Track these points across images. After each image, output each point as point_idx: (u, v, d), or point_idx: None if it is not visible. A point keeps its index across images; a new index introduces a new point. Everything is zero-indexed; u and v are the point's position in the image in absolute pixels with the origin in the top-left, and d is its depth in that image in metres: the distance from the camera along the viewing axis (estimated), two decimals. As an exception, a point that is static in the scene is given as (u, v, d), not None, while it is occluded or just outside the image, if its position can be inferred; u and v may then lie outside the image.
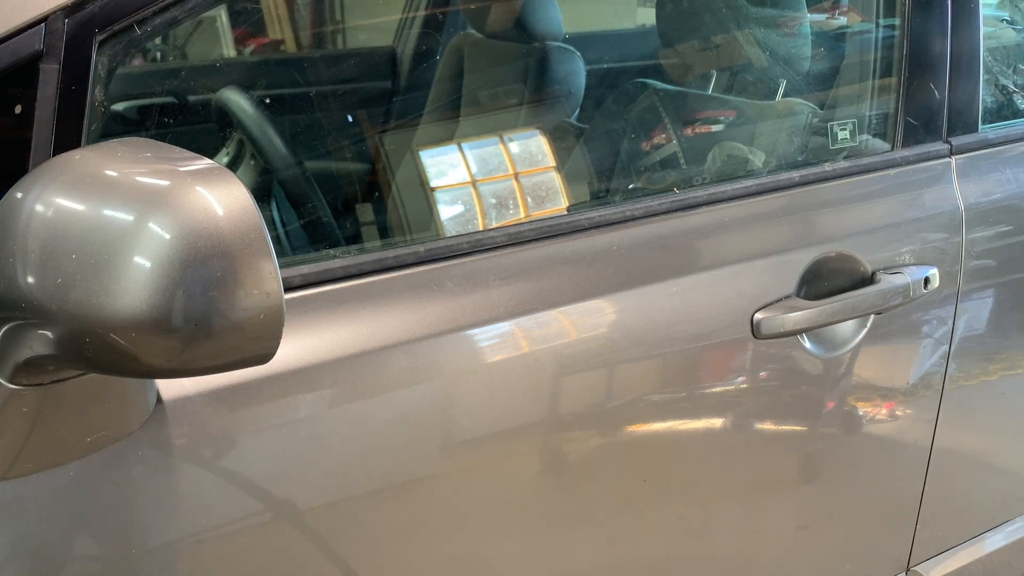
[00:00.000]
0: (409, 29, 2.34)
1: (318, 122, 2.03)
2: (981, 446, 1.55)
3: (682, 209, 1.19)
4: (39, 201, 0.65)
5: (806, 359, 1.24)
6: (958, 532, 1.55)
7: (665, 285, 1.14)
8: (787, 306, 1.19)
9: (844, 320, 1.25)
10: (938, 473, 1.44)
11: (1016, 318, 1.48)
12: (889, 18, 1.41)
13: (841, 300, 1.23)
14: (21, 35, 0.80)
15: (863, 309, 1.25)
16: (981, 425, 1.52)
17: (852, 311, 1.24)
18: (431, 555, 1.06)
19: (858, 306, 1.24)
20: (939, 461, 1.43)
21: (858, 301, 1.24)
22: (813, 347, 1.24)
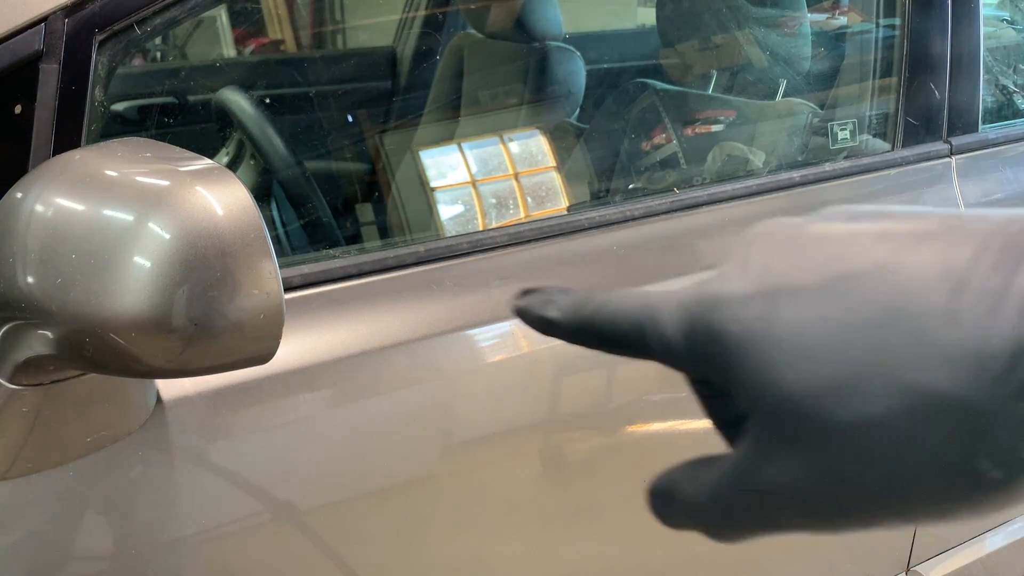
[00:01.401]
0: (409, 29, 2.34)
1: (318, 122, 2.03)
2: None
3: (682, 209, 1.19)
4: (39, 201, 0.65)
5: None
6: (958, 532, 1.55)
7: (665, 285, 1.14)
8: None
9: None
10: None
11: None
12: (889, 18, 1.41)
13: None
14: (21, 35, 0.80)
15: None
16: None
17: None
18: (431, 555, 1.06)
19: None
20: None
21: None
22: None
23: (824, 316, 0.30)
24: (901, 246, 0.30)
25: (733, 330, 0.31)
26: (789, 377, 0.30)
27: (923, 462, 0.28)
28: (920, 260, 0.29)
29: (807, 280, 0.30)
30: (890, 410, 0.28)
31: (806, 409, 0.29)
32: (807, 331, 0.30)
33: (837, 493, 0.30)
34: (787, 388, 0.30)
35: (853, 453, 0.29)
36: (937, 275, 0.28)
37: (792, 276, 0.31)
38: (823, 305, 0.30)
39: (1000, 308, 0.27)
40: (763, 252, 0.33)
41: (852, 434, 0.29)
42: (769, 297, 0.31)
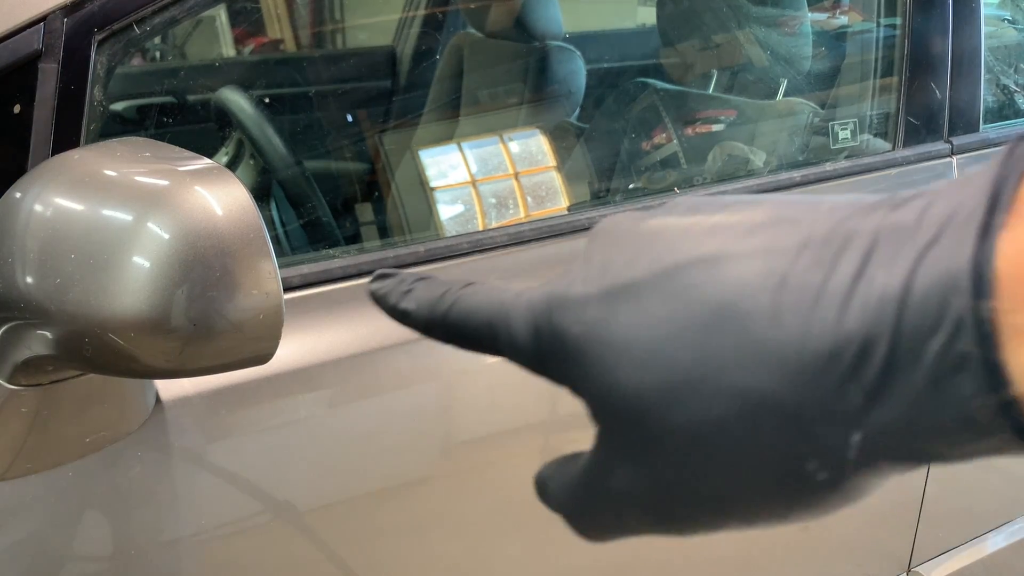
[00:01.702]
0: (409, 28, 2.34)
1: (317, 122, 2.03)
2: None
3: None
4: (38, 201, 0.64)
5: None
6: (959, 532, 1.55)
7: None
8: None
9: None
10: (939, 473, 1.43)
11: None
12: (890, 17, 1.41)
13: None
14: (20, 34, 0.80)
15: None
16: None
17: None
18: (431, 555, 1.06)
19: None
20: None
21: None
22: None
23: (657, 315, 0.29)
24: (730, 239, 0.29)
25: (575, 332, 0.30)
26: (626, 380, 0.29)
27: (756, 465, 0.28)
28: (746, 254, 0.28)
29: (640, 277, 0.30)
30: (722, 413, 0.27)
31: (644, 413, 0.29)
32: (642, 332, 0.29)
33: (679, 497, 0.30)
34: (625, 391, 0.29)
35: (691, 457, 0.29)
36: (760, 271, 0.27)
37: (627, 274, 0.30)
38: (655, 304, 0.29)
39: (819, 304, 0.26)
40: (602, 249, 0.32)
41: (689, 438, 0.28)
42: (607, 296, 0.30)
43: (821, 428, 0.26)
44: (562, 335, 0.31)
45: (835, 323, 0.26)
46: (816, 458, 0.27)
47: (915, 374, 0.25)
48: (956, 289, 0.24)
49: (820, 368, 0.26)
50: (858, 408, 0.26)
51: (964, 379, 0.24)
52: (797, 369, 0.26)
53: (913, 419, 0.25)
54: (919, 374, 0.25)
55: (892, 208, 0.27)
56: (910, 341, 0.25)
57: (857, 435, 0.26)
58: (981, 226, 0.24)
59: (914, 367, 0.25)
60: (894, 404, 0.25)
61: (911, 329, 0.25)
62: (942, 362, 0.24)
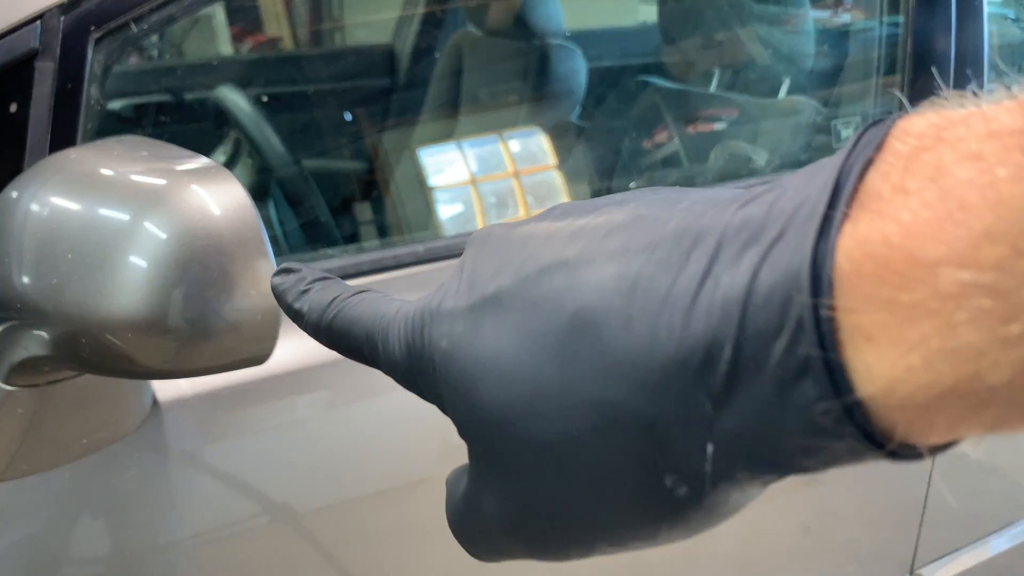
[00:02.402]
0: (408, 26, 2.33)
1: (316, 120, 2.03)
2: (986, 448, 1.54)
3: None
4: (34, 200, 0.64)
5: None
6: (962, 535, 1.55)
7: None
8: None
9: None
10: (942, 475, 1.43)
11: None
12: (893, 15, 1.41)
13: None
14: (16, 33, 0.80)
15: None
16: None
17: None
18: (430, 557, 1.05)
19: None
20: (943, 463, 1.42)
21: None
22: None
23: (518, 326, 0.28)
24: (590, 243, 0.27)
25: (442, 346, 0.30)
26: (488, 396, 0.28)
27: (617, 482, 0.27)
28: (602, 257, 0.27)
29: (504, 287, 0.28)
30: (580, 428, 0.26)
31: (506, 430, 0.28)
32: (504, 344, 0.28)
33: (546, 521, 0.29)
34: (488, 407, 0.28)
35: (554, 477, 0.28)
36: (614, 274, 0.26)
37: (493, 284, 0.29)
38: (517, 314, 0.28)
39: (666, 308, 0.25)
40: (474, 259, 0.31)
41: (550, 456, 0.27)
42: (474, 309, 0.29)
43: (675, 439, 0.25)
44: (431, 350, 0.30)
45: (681, 328, 0.24)
46: (673, 471, 0.26)
47: (761, 379, 0.23)
48: (797, 288, 0.22)
49: (669, 376, 0.25)
50: (708, 416, 0.24)
51: (808, 383, 0.23)
52: (647, 378, 0.25)
53: (764, 426, 0.24)
54: (765, 379, 0.23)
55: (743, 203, 0.25)
56: (754, 345, 0.23)
57: (710, 446, 0.25)
58: (821, 220, 0.23)
59: (760, 372, 0.23)
60: (743, 411, 0.24)
61: (755, 332, 0.23)
62: (786, 366, 0.23)
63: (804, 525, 1.36)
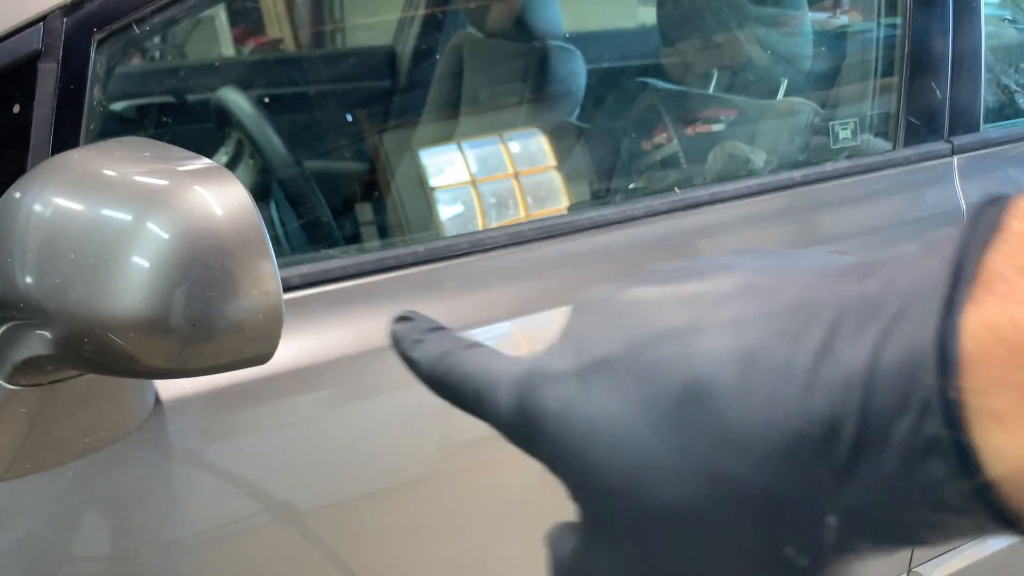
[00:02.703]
0: (409, 28, 2.33)
1: (317, 121, 2.03)
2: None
3: (683, 209, 1.19)
4: (37, 200, 0.64)
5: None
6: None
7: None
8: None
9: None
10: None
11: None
12: (890, 17, 1.41)
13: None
14: (19, 34, 0.80)
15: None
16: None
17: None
18: (431, 556, 1.05)
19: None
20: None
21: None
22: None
23: (630, 393, 0.28)
24: (700, 311, 0.28)
25: (552, 409, 0.30)
26: (601, 460, 0.28)
27: (735, 551, 0.27)
28: (715, 327, 0.27)
29: (614, 353, 0.29)
30: (697, 496, 0.26)
31: (620, 495, 0.28)
32: (616, 410, 0.28)
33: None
34: (600, 472, 0.28)
35: (669, 541, 0.28)
36: (729, 345, 0.26)
37: (602, 349, 0.29)
38: (629, 381, 0.28)
39: (786, 382, 0.25)
40: (581, 323, 0.31)
41: (665, 521, 0.27)
42: (583, 373, 0.29)
43: (795, 512, 0.25)
44: (541, 412, 0.30)
45: (802, 402, 0.25)
46: (793, 543, 0.26)
47: (885, 455, 0.24)
48: (922, 368, 0.23)
49: (790, 449, 0.25)
50: (830, 490, 0.25)
51: (935, 461, 0.23)
52: (767, 451, 0.25)
53: (887, 501, 0.24)
54: (889, 455, 0.24)
55: (860, 278, 0.26)
56: (878, 422, 0.24)
57: (832, 518, 0.25)
58: (945, 300, 0.23)
59: (884, 448, 0.24)
60: (866, 485, 0.24)
61: (878, 409, 0.23)
62: (912, 444, 0.23)
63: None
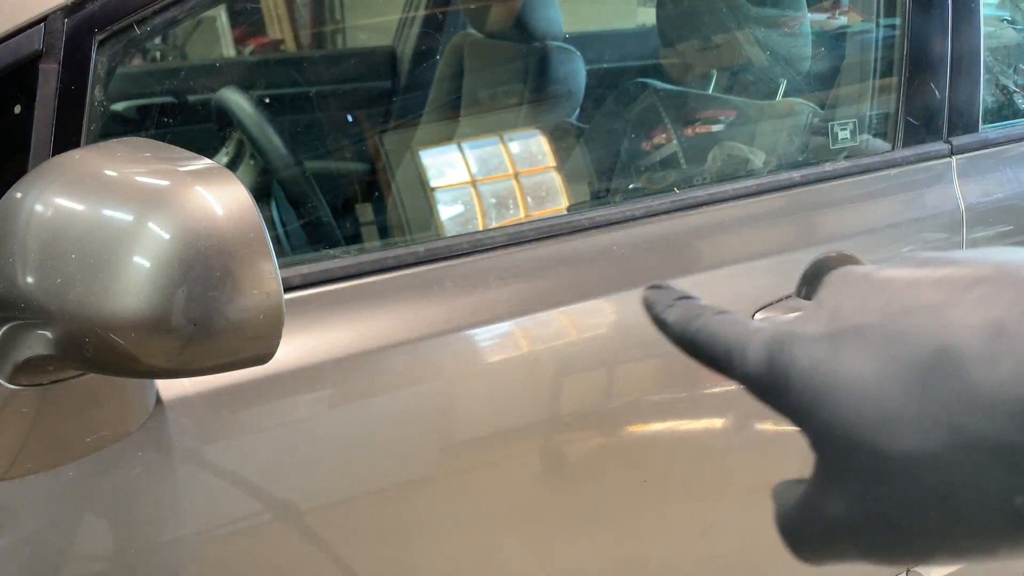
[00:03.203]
0: (409, 29, 2.34)
1: (318, 122, 2.03)
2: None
3: (682, 209, 1.19)
4: (39, 201, 0.65)
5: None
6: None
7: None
8: (787, 306, 1.19)
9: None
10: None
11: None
12: (889, 18, 1.41)
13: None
14: (20, 35, 0.80)
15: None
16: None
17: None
18: (431, 556, 1.06)
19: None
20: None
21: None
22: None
23: (880, 355, 0.32)
24: (953, 291, 0.31)
25: (802, 365, 0.34)
26: (846, 412, 0.32)
27: (965, 498, 0.30)
28: (967, 304, 0.31)
29: (869, 320, 0.33)
30: (937, 447, 0.30)
31: (861, 443, 0.31)
32: (865, 368, 0.32)
33: (888, 527, 0.32)
34: (844, 422, 0.32)
35: (903, 488, 0.31)
36: (980, 319, 0.30)
37: (856, 318, 0.33)
38: (880, 344, 0.32)
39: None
40: (834, 295, 0.36)
41: (902, 469, 0.31)
42: (835, 337, 0.33)
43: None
44: (790, 368, 0.34)
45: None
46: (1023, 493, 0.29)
47: None
48: None
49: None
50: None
51: None
52: (1011, 409, 0.28)
53: None
54: None
55: None
56: None
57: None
58: None
59: None
60: None
61: None
62: None
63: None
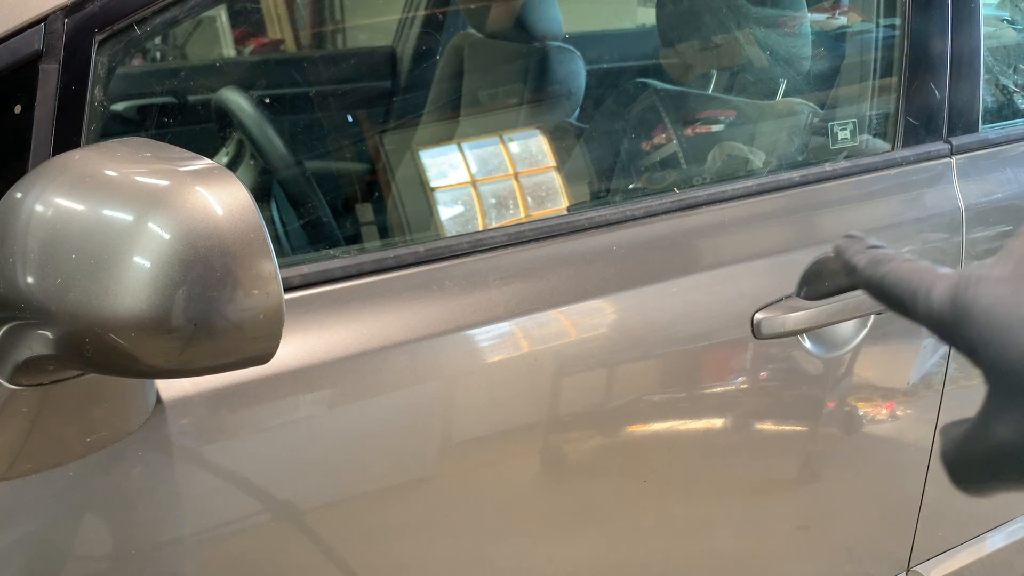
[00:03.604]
0: (409, 29, 2.34)
1: (318, 122, 2.03)
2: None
3: (682, 209, 1.19)
4: (39, 201, 0.65)
5: (806, 359, 1.24)
6: (959, 532, 1.55)
7: (665, 285, 1.14)
8: (787, 306, 1.19)
9: (844, 320, 1.25)
10: (939, 473, 1.43)
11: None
12: (889, 18, 1.41)
13: (841, 300, 1.23)
14: (21, 35, 0.80)
15: (863, 309, 1.25)
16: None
17: (852, 312, 1.24)
18: (431, 555, 1.06)
19: (859, 307, 1.24)
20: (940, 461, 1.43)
21: (859, 302, 1.24)
22: (813, 347, 1.24)
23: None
24: None
25: (984, 303, 0.37)
26: (1022, 340, 0.35)
27: None
28: None
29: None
30: None
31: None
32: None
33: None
34: (1019, 350, 0.35)
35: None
36: None
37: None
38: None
39: None
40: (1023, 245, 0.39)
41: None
42: (1020, 279, 0.37)
43: None
44: (973, 304, 0.38)
45: None
46: None
47: None
48: None
49: None
50: None
51: None
52: None
53: None
54: None
55: None
56: None
57: None
58: None
59: None
60: None
61: None
62: None
63: (802, 523, 1.36)
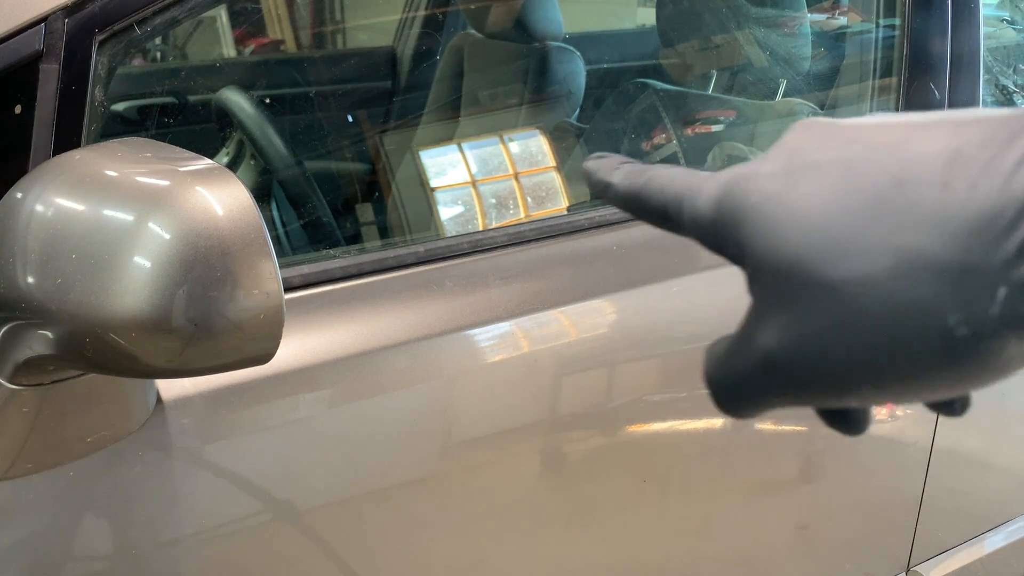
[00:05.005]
0: (409, 29, 2.34)
1: (318, 122, 2.03)
2: (981, 446, 1.55)
3: (682, 209, 1.19)
4: (39, 201, 0.65)
5: (806, 359, 1.24)
6: (958, 532, 1.55)
7: (665, 285, 1.14)
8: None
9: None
10: (938, 473, 1.44)
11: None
12: (889, 18, 1.41)
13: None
14: (21, 35, 0.80)
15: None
16: (981, 425, 1.52)
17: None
18: (431, 555, 1.06)
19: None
20: (939, 461, 1.43)
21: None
22: (813, 347, 1.24)
23: (835, 185, 0.32)
24: (915, 130, 0.32)
25: (753, 200, 0.34)
26: (792, 239, 0.32)
27: (901, 320, 0.30)
28: (927, 139, 0.31)
29: (827, 156, 0.33)
30: (878, 269, 0.30)
31: (802, 269, 0.32)
32: (816, 198, 0.32)
33: (820, 358, 0.32)
34: (788, 249, 0.32)
35: (841, 315, 0.31)
36: (937, 149, 0.31)
37: (815, 156, 0.34)
38: (835, 176, 0.32)
39: (987, 173, 0.29)
40: (797, 137, 0.36)
41: (843, 294, 0.31)
42: (791, 172, 0.34)
43: (970, 281, 0.29)
44: (741, 203, 0.34)
45: (1000, 188, 0.28)
46: (960, 311, 0.29)
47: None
48: None
49: (980, 225, 0.28)
50: (1009, 263, 0.28)
51: None
52: (958, 227, 0.29)
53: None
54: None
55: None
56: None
57: (1003, 289, 0.28)
58: None
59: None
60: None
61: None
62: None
63: (801, 522, 1.36)
